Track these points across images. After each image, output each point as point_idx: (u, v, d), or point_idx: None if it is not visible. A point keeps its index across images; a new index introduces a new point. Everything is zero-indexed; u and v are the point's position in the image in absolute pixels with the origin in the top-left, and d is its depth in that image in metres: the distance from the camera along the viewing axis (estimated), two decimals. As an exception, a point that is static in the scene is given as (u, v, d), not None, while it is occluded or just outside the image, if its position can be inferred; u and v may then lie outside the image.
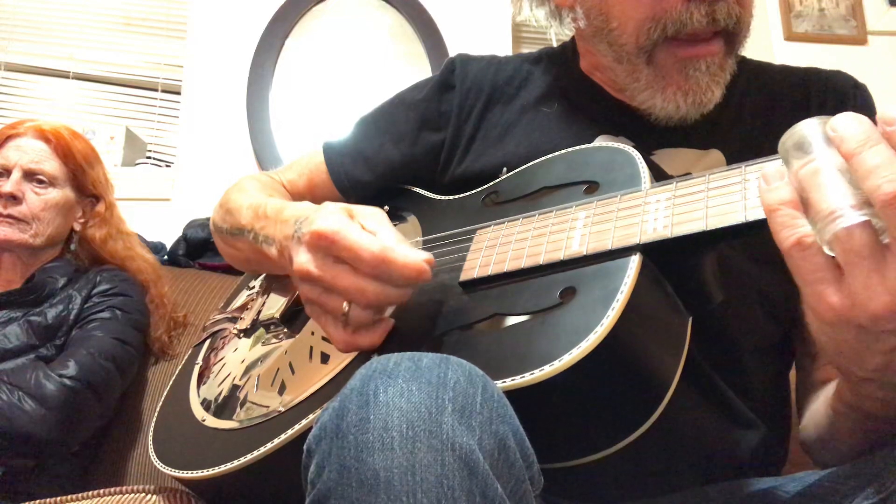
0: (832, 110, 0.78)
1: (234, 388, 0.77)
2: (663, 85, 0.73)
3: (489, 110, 0.86)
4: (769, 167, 0.45)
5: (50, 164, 1.32)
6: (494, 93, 0.87)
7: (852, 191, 0.40)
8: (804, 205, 0.43)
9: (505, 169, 0.78)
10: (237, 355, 0.83)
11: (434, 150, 0.87)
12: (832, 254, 0.41)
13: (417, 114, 0.88)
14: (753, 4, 0.73)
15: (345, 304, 0.60)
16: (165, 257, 1.73)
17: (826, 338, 0.46)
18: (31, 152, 1.31)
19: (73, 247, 1.38)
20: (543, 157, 0.73)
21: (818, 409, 0.67)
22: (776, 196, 0.44)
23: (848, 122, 0.42)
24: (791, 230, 0.42)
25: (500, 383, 0.50)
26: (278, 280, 0.89)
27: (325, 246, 0.59)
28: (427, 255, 0.59)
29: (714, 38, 0.71)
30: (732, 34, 0.71)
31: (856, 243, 0.40)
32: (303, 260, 0.61)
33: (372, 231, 0.60)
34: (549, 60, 0.89)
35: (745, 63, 0.83)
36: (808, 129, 0.43)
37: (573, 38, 0.88)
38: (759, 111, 0.79)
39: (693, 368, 0.67)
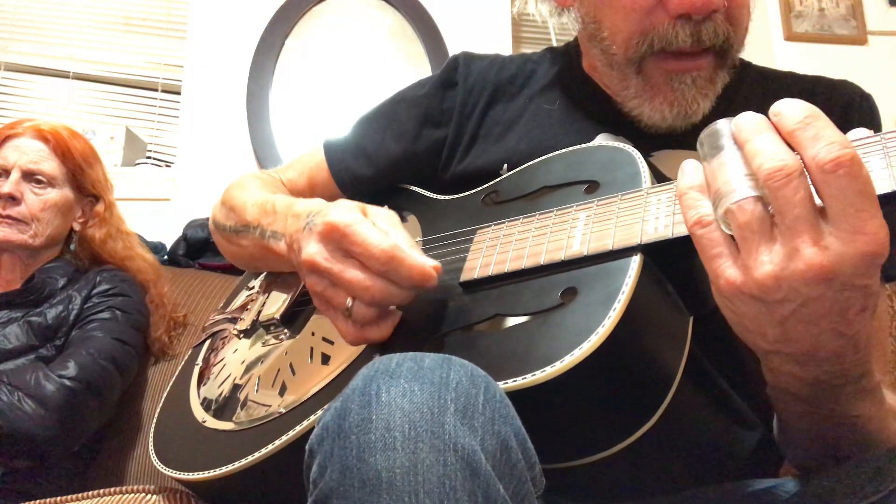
0: (837, 119, 0.78)
1: (235, 390, 0.77)
2: (651, 95, 0.73)
3: (491, 108, 0.86)
4: (687, 163, 0.49)
5: (49, 165, 1.32)
6: (497, 91, 0.87)
7: (748, 173, 0.45)
8: (709, 194, 0.47)
9: (506, 166, 0.78)
10: (237, 356, 0.83)
11: (436, 146, 0.87)
12: (730, 232, 0.45)
13: (419, 110, 0.88)
14: (749, 17, 0.73)
15: (348, 300, 0.60)
16: (165, 257, 1.73)
17: (729, 312, 0.49)
18: (29, 152, 1.31)
19: (72, 247, 1.38)
20: (543, 157, 0.73)
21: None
22: (686, 181, 0.48)
23: (745, 117, 0.46)
24: (695, 210, 0.47)
25: (501, 384, 0.50)
26: (278, 280, 0.89)
27: (336, 238, 0.59)
28: (435, 263, 0.59)
29: (702, 54, 0.71)
30: (722, 51, 0.72)
31: (746, 217, 0.44)
32: (312, 251, 0.61)
33: (384, 231, 0.60)
34: (552, 59, 0.90)
35: (750, 68, 0.83)
36: (720, 127, 0.47)
37: (576, 37, 0.88)
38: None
39: (696, 368, 0.67)
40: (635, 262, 0.53)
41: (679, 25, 0.69)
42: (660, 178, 0.64)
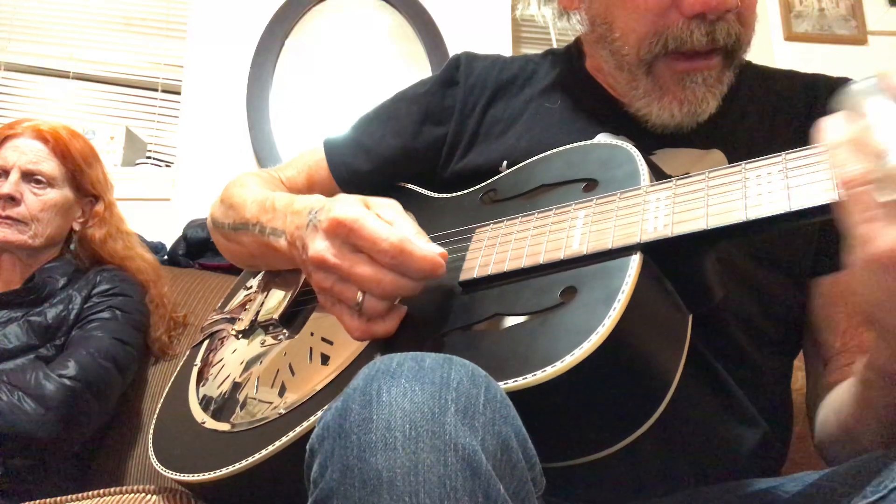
0: None
1: (234, 390, 0.77)
2: (660, 94, 0.74)
3: (492, 107, 0.87)
4: (831, 118, 0.46)
5: (48, 165, 1.32)
6: (498, 90, 0.87)
7: None
8: (862, 152, 0.43)
9: (505, 163, 0.78)
10: (236, 356, 0.83)
11: (436, 144, 0.87)
12: (885, 198, 0.41)
13: (420, 107, 0.89)
14: (756, 18, 0.73)
15: (359, 294, 0.60)
16: (165, 257, 1.73)
17: (868, 284, 0.45)
18: (29, 153, 1.31)
19: (72, 247, 1.38)
20: (542, 155, 0.73)
21: (840, 396, 0.66)
22: (835, 137, 0.45)
23: None
24: (849, 168, 0.43)
25: (501, 384, 0.50)
26: (277, 279, 0.88)
27: (343, 234, 0.59)
28: (441, 250, 0.59)
29: (713, 53, 0.72)
30: (731, 51, 0.72)
31: None
32: (320, 247, 0.61)
33: (389, 221, 0.60)
34: (553, 60, 0.90)
35: (750, 67, 0.83)
36: (863, 86, 0.45)
37: (578, 39, 0.88)
38: (764, 115, 0.80)
39: (697, 366, 0.67)
40: (635, 260, 0.53)
41: (694, 25, 0.69)
42: (659, 175, 0.64)
